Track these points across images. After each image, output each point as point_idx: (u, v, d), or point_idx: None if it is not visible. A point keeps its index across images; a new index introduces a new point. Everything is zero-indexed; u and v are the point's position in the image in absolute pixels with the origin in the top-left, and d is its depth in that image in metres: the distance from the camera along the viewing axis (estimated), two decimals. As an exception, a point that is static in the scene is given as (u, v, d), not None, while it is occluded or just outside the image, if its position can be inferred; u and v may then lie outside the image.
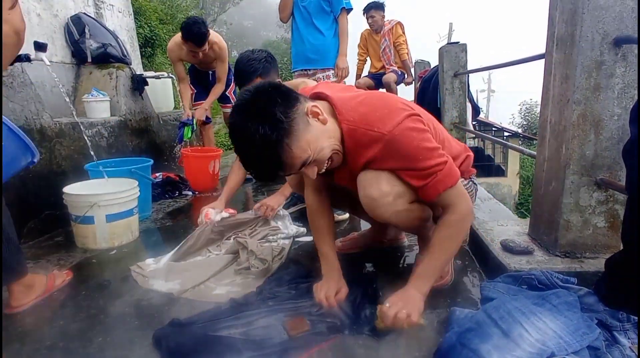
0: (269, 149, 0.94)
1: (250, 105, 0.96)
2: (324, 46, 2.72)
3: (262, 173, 1.02)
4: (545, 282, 1.07)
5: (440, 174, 1.04)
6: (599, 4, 1.08)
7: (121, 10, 3.47)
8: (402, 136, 1.01)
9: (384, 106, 1.07)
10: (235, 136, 0.98)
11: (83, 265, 1.64)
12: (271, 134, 0.92)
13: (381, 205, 1.10)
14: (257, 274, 1.40)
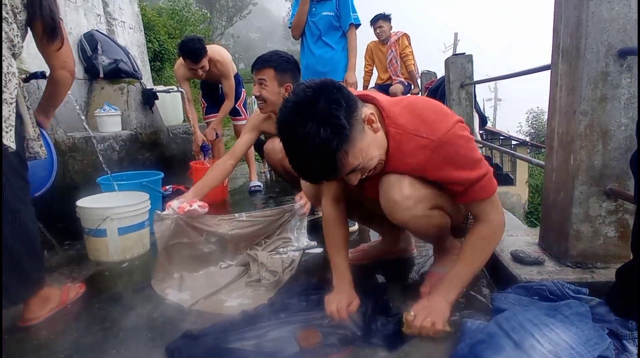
0: (327, 154, 0.90)
1: (313, 104, 0.90)
2: (333, 59, 2.75)
3: (311, 176, 0.99)
4: (556, 293, 1.06)
5: (480, 184, 1.06)
6: (603, 16, 1.10)
7: (132, 26, 3.56)
8: (451, 143, 1.02)
9: (430, 111, 1.07)
10: (290, 134, 0.92)
11: (95, 277, 1.66)
12: (332, 139, 0.89)
13: (401, 209, 1.11)
14: (268, 286, 1.41)
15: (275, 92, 1.87)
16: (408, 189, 1.09)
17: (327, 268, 1.59)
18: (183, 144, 3.48)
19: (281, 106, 0.95)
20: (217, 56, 2.86)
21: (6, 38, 1.16)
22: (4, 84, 1.12)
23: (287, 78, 1.86)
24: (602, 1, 1.09)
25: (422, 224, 1.17)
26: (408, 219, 1.14)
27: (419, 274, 1.51)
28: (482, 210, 1.11)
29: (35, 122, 1.30)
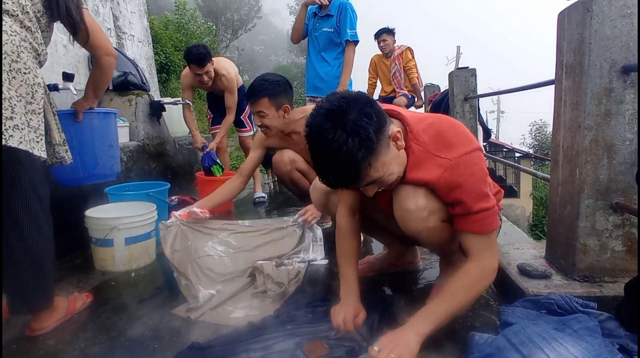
0: (352, 164, 0.93)
1: (345, 114, 0.93)
2: (329, 75, 2.78)
3: (331, 182, 1.00)
4: (564, 307, 1.06)
5: (478, 215, 1.05)
6: (606, 34, 1.12)
7: (141, 40, 3.63)
8: (466, 166, 1.04)
9: (454, 134, 1.08)
10: (318, 140, 0.94)
11: (102, 287, 1.67)
12: (359, 150, 0.91)
13: (415, 219, 1.12)
14: (274, 297, 1.41)
15: (275, 118, 1.91)
16: (423, 200, 1.11)
17: (333, 280, 1.60)
18: (189, 155, 3.51)
19: (313, 111, 0.98)
20: (222, 70, 2.91)
21: (31, 48, 1.19)
22: (32, 94, 1.15)
23: (283, 100, 1.89)
24: (604, 19, 1.12)
25: (434, 236, 1.18)
26: (421, 230, 1.15)
27: (425, 286, 1.51)
28: (475, 246, 1.07)
29: (61, 129, 1.32)
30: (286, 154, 2.13)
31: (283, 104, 1.90)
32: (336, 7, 2.66)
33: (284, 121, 1.95)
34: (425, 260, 1.70)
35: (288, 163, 2.12)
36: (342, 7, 2.65)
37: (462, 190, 1.04)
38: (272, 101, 1.87)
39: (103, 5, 3.12)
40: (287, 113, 1.93)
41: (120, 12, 3.35)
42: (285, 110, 1.91)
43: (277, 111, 1.90)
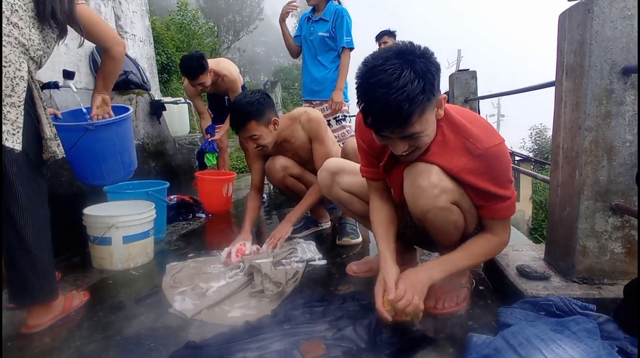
0: (410, 103, 0.93)
1: (416, 57, 0.95)
2: (325, 79, 2.77)
3: (380, 117, 0.98)
4: (563, 309, 1.06)
5: (504, 204, 1.14)
6: (606, 35, 1.12)
7: (142, 39, 3.64)
8: (495, 156, 1.09)
9: (481, 124, 1.14)
10: (383, 72, 0.93)
11: (99, 285, 1.66)
12: (420, 93, 0.93)
13: (426, 195, 1.13)
14: (272, 297, 1.41)
15: (267, 135, 1.88)
16: (436, 177, 1.12)
17: (331, 280, 1.60)
18: (188, 154, 3.51)
19: (382, 49, 1.03)
20: (224, 70, 2.91)
21: (17, 43, 1.20)
22: (11, 87, 1.15)
23: (269, 115, 1.86)
24: (605, 21, 1.12)
25: (441, 217, 1.18)
26: (430, 208, 1.15)
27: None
28: (496, 227, 1.20)
29: (51, 123, 1.32)
30: (277, 161, 2.12)
31: (271, 119, 1.86)
32: (332, 13, 2.64)
33: (276, 134, 1.93)
34: (424, 260, 1.69)
35: (280, 170, 2.12)
36: (338, 13, 2.64)
37: (490, 178, 1.10)
38: (259, 122, 1.83)
39: (105, 5, 3.13)
40: (277, 124, 1.90)
41: (122, 11, 3.35)
42: (274, 123, 1.89)
43: (267, 128, 1.87)
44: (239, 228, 2.56)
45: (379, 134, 1.05)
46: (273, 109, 1.90)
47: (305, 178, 2.18)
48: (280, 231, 1.94)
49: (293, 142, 2.04)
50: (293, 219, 2.00)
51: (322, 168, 1.62)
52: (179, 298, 1.46)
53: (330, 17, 2.64)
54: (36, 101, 1.26)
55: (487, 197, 1.13)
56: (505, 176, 1.12)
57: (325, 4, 2.67)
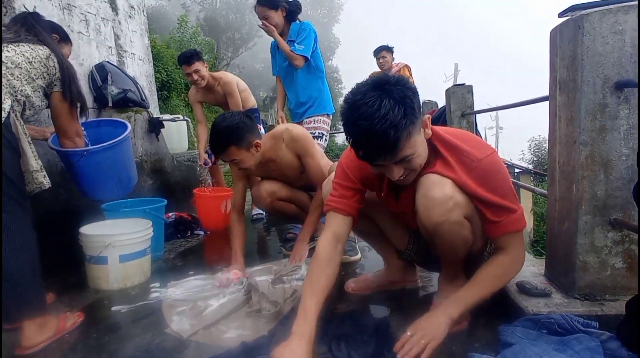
0: (395, 129, 0.96)
1: (392, 86, 1.00)
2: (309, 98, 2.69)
3: (370, 149, 1.02)
4: (565, 326, 1.04)
5: (514, 216, 1.13)
6: (598, 51, 1.13)
7: (142, 58, 3.68)
8: (491, 165, 1.11)
9: (470, 137, 1.18)
10: (364, 104, 0.98)
11: (94, 306, 1.64)
12: (403, 117, 0.97)
13: (439, 207, 1.12)
14: (269, 317, 1.38)
15: (249, 158, 1.83)
16: (450, 190, 1.11)
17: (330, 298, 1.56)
18: (187, 171, 3.51)
19: (358, 84, 1.05)
20: (220, 74, 3.06)
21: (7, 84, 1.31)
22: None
23: (250, 138, 1.79)
24: (596, 36, 1.13)
25: (453, 231, 1.16)
26: (442, 222, 1.14)
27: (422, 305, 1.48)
28: (509, 243, 1.16)
29: (37, 155, 1.38)
30: (263, 187, 2.10)
31: (252, 142, 1.80)
32: (295, 32, 2.57)
33: (259, 156, 1.88)
34: (424, 278, 1.67)
35: (267, 196, 2.10)
36: (301, 27, 2.57)
37: (491, 189, 1.10)
38: (239, 146, 1.77)
39: (105, 25, 3.18)
40: (259, 147, 1.85)
41: (122, 30, 3.40)
42: (256, 146, 1.83)
43: (248, 152, 1.81)
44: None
45: (374, 164, 1.07)
46: (254, 132, 1.83)
47: (296, 198, 2.16)
48: (299, 252, 1.92)
49: (279, 161, 2.01)
50: (306, 237, 1.97)
51: (327, 181, 1.58)
52: (176, 318, 1.45)
53: (294, 34, 2.56)
54: (20, 136, 1.31)
55: (498, 210, 1.12)
56: (506, 186, 1.13)
57: (288, 27, 2.58)
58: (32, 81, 1.41)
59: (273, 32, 2.51)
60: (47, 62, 1.44)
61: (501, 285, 1.18)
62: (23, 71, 1.38)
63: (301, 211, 2.18)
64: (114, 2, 3.31)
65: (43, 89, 1.46)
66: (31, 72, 1.40)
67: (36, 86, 1.42)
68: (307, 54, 2.52)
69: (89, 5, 3.00)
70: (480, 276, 1.16)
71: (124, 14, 3.45)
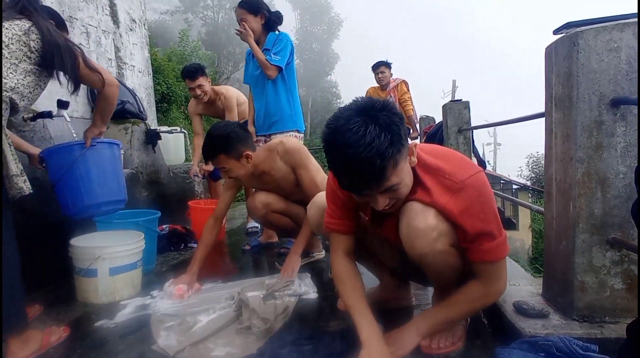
0: (381, 158, 0.91)
1: (377, 111, 0.94)
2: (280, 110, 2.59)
3: (356, 180, 0.97)
4: (564, 350, 1.00)
5: (492, 243, 1.07)
6: (593, 68, 1.13)
7: (141, 70, 3.70)
8: (474, 188, 1.05)
9: (453, 157, 1.13)
10: (348, 132, 0.92)
11: (81, 320, 1.60)
12: (390, 145, 0.92)
13: (423, 237, 1.08)
14: (259, 334, 1.34)
15: (239, 168, 1.85)
16: (434, 219, 1.07)
17: (322, 316, 1.53)
18: (183, 183, 3.49)
19: (341, 108, 0.99)
20: (222, 89, 3.07)
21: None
22: None
23: (240, 148, 1.82)
24: (590, 53, 1.13)
25: (439, 260, 1.13)
26: (427, 252, 1.10)
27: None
28: (486, 272, 1.12)
29: (17, 159, 1.29)
30: (258, 198, 2.10)
31: (242, 153, 1.83)
32: (272, 41, 2.51)
33: (250, 167, 1.89)
34: (418, 295, 1.63)
35: (261, 207, 2.10)
36: (278, 37, 2.52)
37: (474, 215, 1.04)
38: (230, 155, 1.81)
39: (105, 37, 3.20)
40: (250, 158, 1.86)
41: (122, 43, 3.43)
42: (247, 157, 1.84)
43: (238, 162, 1.84)
44: (231, 259, 2.51)
45: (358, 194, 1.04)
46: (246, 143, 1.85)
47: (291, 211, 2.14)
48: (291, 265, 1.91)
49: (273, 174, 2.00)
50: (299, 250, 1.97)
51: (311, 203, 1.58)
52: (164, 334, 1.41)
53: (270, 45, 2.50)
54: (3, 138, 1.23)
55: (475, 237, 1.06)
56: (489, 211, 1.06)
57: (265, 36, 2.53)
58: (16, 66, 1.26)
59: (249, 37, 2.44)
60: (28, 38, 1.26)
61: (473, 310, 1.18)
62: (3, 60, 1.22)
63: (296, 225, 2.15)
64: (115, 15, 3.35)
65: (36, 70, 1.30)
66: (11, 57, 1.24)
67: (22, 70, 1.27)
68: (282, 64, 2.45)
69: (91, 18, 3.03)
70: (455, 299, 1.15)
71: (125, 27, 3.49)
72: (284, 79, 2.54)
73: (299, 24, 25.95)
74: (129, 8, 3.55)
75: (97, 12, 3.12)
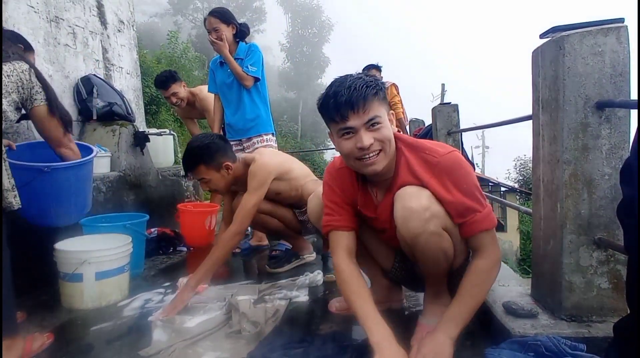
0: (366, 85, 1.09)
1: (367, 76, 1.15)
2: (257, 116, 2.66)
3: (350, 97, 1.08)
4: (552, 349, 1.01)
5: (479, 215, 1.13)
6: (578, 71, 1.15)
7: (129, 72, 3.66)
8: (453, 162, 1.14)
9: (434, 142, 1.24)
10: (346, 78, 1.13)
11: (66, 326, 1.56)
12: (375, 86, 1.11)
13: (417, 218, 1.12)
14: (249, 338, 1.33)
15: (219, 179, 1.84)
16: (427, 200, 1.12)
17: (312, 319, 1.52)
18: (172, 186, 3.45)
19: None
20: (197, 89, 3.08)
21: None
22: None
23: (220, 159, 1.81)
24: (576, 57, 1.15)
25: (432, 244, 1.15)
26: (420, 233, 1.13)
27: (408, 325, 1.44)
28: (483, 243, 1.15)
29: (10, 174, 1.31)
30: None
31: (222, 163, 1.82)
32: (244, 51, 2.58)
33: (230, 178, 1.87)
34: (409, 297, 1.64)
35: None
36: (250, 47, 2.59)
37: (457, 186, 1.12)
38: (209, 166, 1.80)
39: (93, 38, 3.16)
40: (230, 170, 1.85)
41: (110, 44, 3.38)
42: (226, 168, 1.83)
43: (218, 173, 1.82)
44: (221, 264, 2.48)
45: (345, 128, 1.12)
46: (226, 153, 1.84)
47: (278, 213, 2.14)
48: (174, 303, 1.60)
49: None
50: (192, 282, 1.67)
51: (314, 194, 1.57)
52: (160, 323, 1.45)
53: (243, 54, 2.56)
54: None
55: (462, 210, 1.13)
56: (470, 182, 1.14)
57: (236, 46, 2.59)
58: (8, 94, 1.38)
59: (224, 49, 2.49)
60: (23, 76, 1.42)
61: (488, 287, 1.17)
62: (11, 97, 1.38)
63: (285, 226, 2.15)
64: (103, 16, 3.31)
65: (16, 103, 1.43)
66: (8, 86, 1.38)
67: (10, 100, 1.40)
68: (258, 75, 2.57)
69: (78, 19, 2.99)
70: (464, 288, 1.14)
71: (113, 28, 3.45)
72: (258, 86, 2.65)
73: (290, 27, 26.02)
74: (117, 9, 3.51)
75: (84, 12, 3.08)
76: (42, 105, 1.48)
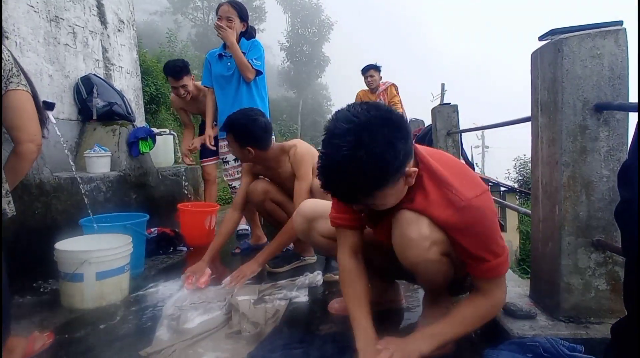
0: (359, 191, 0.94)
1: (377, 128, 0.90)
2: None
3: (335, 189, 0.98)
4: (550, 350, 1.02)
5: (493, 263, 1.06)
6: (577, 74, 1.15)
7: (130, 71, 3.65)
8: (478, 209, 1.01)
9: (461, 171, 1.09)
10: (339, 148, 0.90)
11: (66, 326, 1.56)
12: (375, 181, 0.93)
13: (416, 247, 1.07)
14: (249, 339, 1.33)
15: (238, 151, 2.01)
16: (426, 229, 1.06)
17: (312, 319, 1.53)
18: (172, 185, 3.45)
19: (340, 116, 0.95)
20: (201, 84, 3.05)
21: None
22: None
23: (246, 142, 1.95)
24: (575, 59, 1.15)
25: (431, 270, 1.13)
26: (420, 261, 1.09)
27: (407, 326, 1.45)
28: (488, 288, 1.10)
29: (5, 180, 1.26)
30: (260, 184, 2.17)
31: (246, 146, 1.96)
32: (247, 46, 2.62)
33: (251, 157, 2.02)
34: (409, 298, 1.64)
35: (261, 193, 2.15)
36: (253, 43, 2.65)
37: (475, 238, 1.03)
38: (237, 140, 1.96)
39: (93, 38, 3.16)
40: (252, 153, 1.98)
41: (110, 44, 3.38)
42: (248, 151, 1.97)
43: (240, 148, 1.97)
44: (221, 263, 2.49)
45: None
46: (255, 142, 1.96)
47: (287, 207, 2.18)
48: (245, 270, 1.89)
49: (280, 172, 2.10)
50: (260, 259, 1.94)
51: (297, 212, 1.58)
52: (165, 322, 1.49)
53: (246, 49, 2.60)
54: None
55: (471, 255, 1.06)
56: (490, 233, 1.05)
57: (239, 39, 2.63)
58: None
59: (231, 36, 2.51)
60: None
61: (478, 325, 1.14)
62: None
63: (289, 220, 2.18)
64: (103, 15, 3.31)
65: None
66: None
67: None
68: (262, 69, 2.62)
69: (77, 19, 2.98)
70: (457, 315, 1.11)
71: (113, 27, 3.44)
72: (257, 82, 2.68)
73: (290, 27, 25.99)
74: (117, 8, 3.51)
75: (84, 12, 3.08)
76: (23, 90, 1.27)
